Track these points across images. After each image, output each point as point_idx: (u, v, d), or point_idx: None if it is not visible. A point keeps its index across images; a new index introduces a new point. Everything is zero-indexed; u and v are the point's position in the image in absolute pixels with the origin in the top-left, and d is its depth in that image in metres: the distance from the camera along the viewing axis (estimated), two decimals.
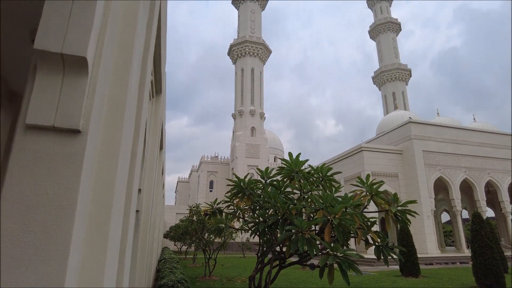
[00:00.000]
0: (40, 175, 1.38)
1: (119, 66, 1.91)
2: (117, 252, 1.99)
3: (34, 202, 1.34)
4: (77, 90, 1.47)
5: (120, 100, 1.86)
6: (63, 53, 1.42)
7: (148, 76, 2.83)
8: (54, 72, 1.46)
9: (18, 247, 1.28)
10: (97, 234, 1.62)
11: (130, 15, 2.06)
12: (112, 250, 1.75)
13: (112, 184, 1.72)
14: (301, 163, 4.10)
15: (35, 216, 1.33)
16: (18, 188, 1.34)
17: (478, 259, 11.02)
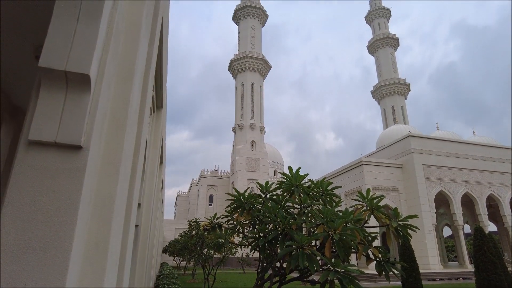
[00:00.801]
0: (41, 190, 1.38)
1: (121, 82, 1.95)
2: (116, 268, 1.97)
3: (34, 218, 1.34)
4: (80, 106, 1.50)
5: (121, 116, 1.88)
6: (67, 70, 1.45)
7: (150, 92, 2.87)
8: (58, 89, 1.49)
9: (16, 264, 1.28)
10: (96, 250, 1.61)
11: (132, 34, 2.11)
12: (111, 266, 1.74)
13: (112, 200, 1.72)
14: (301, 177, 4.09)
15: (35, 232, 1.33)
16: (19, 203, 1.35)
17: (481, 274, 10.86)
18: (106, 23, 1.65)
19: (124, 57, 2.01)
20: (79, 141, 1.46)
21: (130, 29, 2.12)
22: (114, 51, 1.79)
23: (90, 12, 1.54)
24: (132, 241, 2.59)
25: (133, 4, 2.16)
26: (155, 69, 3.40)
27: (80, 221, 1.41)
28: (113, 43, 1.74)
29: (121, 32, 1.95)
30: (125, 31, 2.08)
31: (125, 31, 2.07)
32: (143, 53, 2.46)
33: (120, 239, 2.01)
